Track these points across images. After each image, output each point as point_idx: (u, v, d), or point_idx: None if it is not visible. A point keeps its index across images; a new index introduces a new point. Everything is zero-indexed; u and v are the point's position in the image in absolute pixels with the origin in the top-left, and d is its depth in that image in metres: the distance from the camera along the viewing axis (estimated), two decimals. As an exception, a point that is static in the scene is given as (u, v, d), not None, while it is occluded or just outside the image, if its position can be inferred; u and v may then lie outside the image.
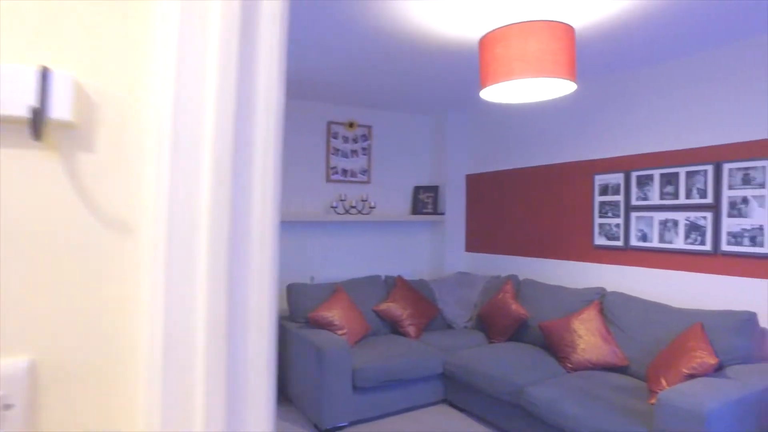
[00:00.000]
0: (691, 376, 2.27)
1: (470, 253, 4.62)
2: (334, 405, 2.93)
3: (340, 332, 3.26)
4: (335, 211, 4.21)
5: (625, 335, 2.88)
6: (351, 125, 4.39)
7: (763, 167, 2.56)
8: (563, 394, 2.50)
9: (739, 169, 2.65)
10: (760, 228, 2.57)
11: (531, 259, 3.96)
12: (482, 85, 2.44)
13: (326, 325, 3.29)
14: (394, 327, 3.71)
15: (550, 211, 3.79)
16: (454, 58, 3.04)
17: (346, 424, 3.00)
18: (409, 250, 4.70)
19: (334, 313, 3.32)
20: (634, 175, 3.16)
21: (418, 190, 4.66)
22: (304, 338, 3.14)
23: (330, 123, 4.31)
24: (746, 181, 2.62)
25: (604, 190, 3.35)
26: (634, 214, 3.17)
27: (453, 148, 4.64)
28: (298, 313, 3.48)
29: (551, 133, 3.80)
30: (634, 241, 3.17)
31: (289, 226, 4.07)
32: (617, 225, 3.26)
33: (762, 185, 2.56)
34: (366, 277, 3.89)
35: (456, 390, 3.27)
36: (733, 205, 2.68)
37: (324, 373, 2.90)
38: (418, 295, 3.82)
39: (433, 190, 4.61)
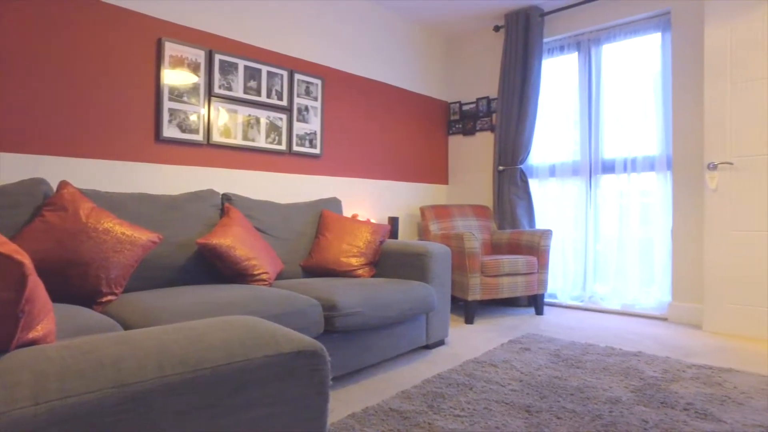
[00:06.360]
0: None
1: None
2: None
3: None
4: None
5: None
6: None
7: (317, 84, 3.14)
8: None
9: (304, 81, 3.05)
10: (315, 133, 3.13)
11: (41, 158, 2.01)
12: None
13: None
14: None
15: (63, 74, 2.15)
16: None
17: None
18: None
19: None
20: (217, 57, 2.61)
21: None
22: None
23: None
24: (308, 92, 3.08)
25: (179, 64, 2.47)
26: (218, 104, 2.62)
27: None
28: None
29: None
30: (217, 137, 2.62)
31: None
32: (196, 114, 2.53)
33: (316, 98, 3.13)
34: None
35: None
36: (300, 111, 3.04)
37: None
38: None
39: None
